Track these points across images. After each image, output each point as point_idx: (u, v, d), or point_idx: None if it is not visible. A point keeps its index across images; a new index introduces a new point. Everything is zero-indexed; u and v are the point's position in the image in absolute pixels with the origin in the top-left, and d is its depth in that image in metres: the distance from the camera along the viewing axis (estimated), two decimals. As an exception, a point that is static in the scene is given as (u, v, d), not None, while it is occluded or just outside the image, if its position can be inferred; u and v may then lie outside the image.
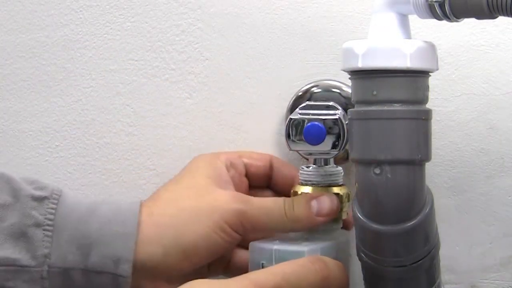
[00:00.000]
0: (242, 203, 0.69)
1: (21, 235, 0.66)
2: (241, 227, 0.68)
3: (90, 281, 0.66)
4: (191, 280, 0.63)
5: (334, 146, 0.67)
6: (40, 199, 0.68)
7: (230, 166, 0.73)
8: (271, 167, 0.75)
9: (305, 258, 0.65)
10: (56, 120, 0.80)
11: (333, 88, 0.75)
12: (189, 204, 0.69)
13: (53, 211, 0.67)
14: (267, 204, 0.69)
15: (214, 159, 0.73)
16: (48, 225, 0.67)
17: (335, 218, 0.70)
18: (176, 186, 0.72)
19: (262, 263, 0.66)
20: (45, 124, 0.80)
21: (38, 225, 0.67)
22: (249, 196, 0.70)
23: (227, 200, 0.69)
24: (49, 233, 0.66)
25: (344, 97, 0.74)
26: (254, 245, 0.67)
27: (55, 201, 0.68)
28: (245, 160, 0.74)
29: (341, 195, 0.70)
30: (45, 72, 0.79)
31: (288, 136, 0.68)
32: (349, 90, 0.73)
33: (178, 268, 0.68)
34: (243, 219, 0.68)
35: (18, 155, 0.80)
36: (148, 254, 0.67)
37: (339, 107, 0.69)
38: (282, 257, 0.65)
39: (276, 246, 0.66)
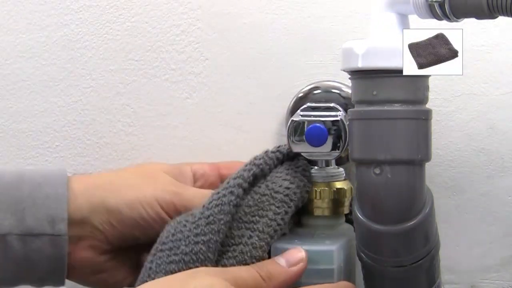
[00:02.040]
0: (180, 187, 0.69)
1: None
2: (173, 207, 0.68)
3: (28, 245, 0.66)
4: (116, 257, 0.69)
5: (335, 148, 0.67)
6: None
7: (200, 177, 0.74)
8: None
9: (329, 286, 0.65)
10: (56, 120, 0.80)
11: (333, 89, 0.75)
12: (128, 176, 0.70)
13: None
14: (204, 192, 0.69)
15: (185, 165, 0.74)
16: None
17: (337, 213, 0.70)
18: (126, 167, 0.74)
19: None
20: (45, 124, 0.80)
21: None
22: (189, 186, 0.71)
23: (166, 182, 0.69)
24: None
25: (343, 97, 0.74)
26: (278, 246, 0.67)
27: None
28: (224, 172, 0.74)
29: (345, 190, 0.70)
30: (45, 72, 0.79)
31: (289, 137, 0.68)
32: (349, 91, 0.73)
33: (102, 229, 0.68)
34: (177, 200, 0.68)
35: (18, 155, 0.80)
36: (77, 209, 0.67)
37: (340, 109, 0.69)
38: (311, 257, 0.65)
39: (305, 247, 0.66)
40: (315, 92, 0.76)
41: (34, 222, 0.66)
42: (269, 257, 0.66)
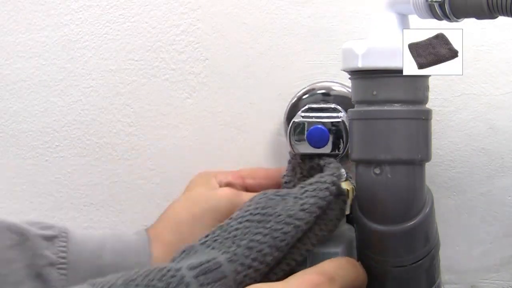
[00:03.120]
0: (233, 194, 0.70)
1: (37, 276, 0.66)
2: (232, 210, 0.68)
3: None
4: None
5: (337, 149, 0.67)
6: (49, 238, 0.67)
7: (225, 185, 0.73)
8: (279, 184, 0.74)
9: (342, 258, 0.65)
10: (56, 120, 0.80)
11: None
12: (186, 215, 0.70)
13: (65, 248, 0.67)
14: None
15: (208, 178, 0.74)
16: (61, 263, 0.66)
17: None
18: (176, 202, 0.73)
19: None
20: (45, 124, 0.80)
21: (52, 264, 0.66)
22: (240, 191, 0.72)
23: (219, 194, 0.70)
24: (64, 271, 0.66)
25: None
26: None
27: (65, 239, 0.68)
28: (249, 182, 0.74)
29: (347, 190, 0.70)
30: (45, 72, 0.79)
31: (291, 139, 0.68)
32: (343, 89, 0.73)
33: None
34: (234, 206, 0.68)
35: (18, 155, 0.80)
36: None
37: (341, 110, 0.69)
38: (316, 260, 0.65)
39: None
40: (312, 93, 0.76)
41: None
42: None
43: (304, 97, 0.75)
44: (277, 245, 0.62)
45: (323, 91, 0.75)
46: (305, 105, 0.73)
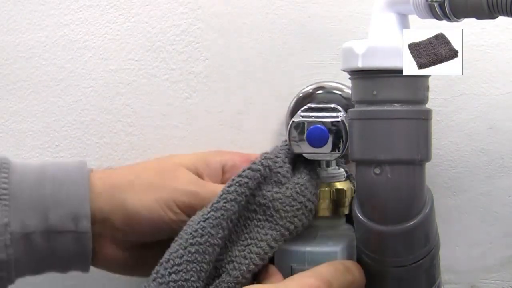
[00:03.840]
0: (199, 186, 0.69)
1: None
2: (190, 207, 0.68)
3: (52, 242, 0.67)
4: (138, 252, 0.70)
5: (336, 148, 0.67)
6: None
7: (230, 168, 0.73)
8: None
9: (338, 263, 0.65)
10: (56, 120, 0.80)
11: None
12: (147, 175, 0.70)
13: (6, 180, 0.68)
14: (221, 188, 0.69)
15: (213, 155, 0.73)
16: (3, 194, 0.67)
17: (338, 214, 0.70)
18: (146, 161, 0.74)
19: (292, 266, 0.66)
20: (45, 124, 0.80)
21: None
22: (208, 182, 0.71)
23: (185, 181, 0.69)
24: (6, 202, 0.67)
25: (345, 98, 0.74)
26: (282, 248, 0.67)
27: (6, 170, 0.68)
28: None
29: (345, 190, 0.70)
30: (45, 72, 0.79)
31: (290, 139, 0.68)
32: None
33: (122, 231, 0.69)
34: (194, 200, 0.68)
35: (18, 155, 0.80)
36: (98, 208, 0.68)
37: (341, 109, 0.69)
38: (314, 259, 0.65)
39: (309, 248, 0.66)
40: (318, 92, 0.75)
41: (58, 219, 0.67)
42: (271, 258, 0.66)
43: (318, 92, 0.75)
44: (193, 249, 0.63)
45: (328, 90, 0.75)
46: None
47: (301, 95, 0.75)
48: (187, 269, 0.63)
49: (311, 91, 0.75)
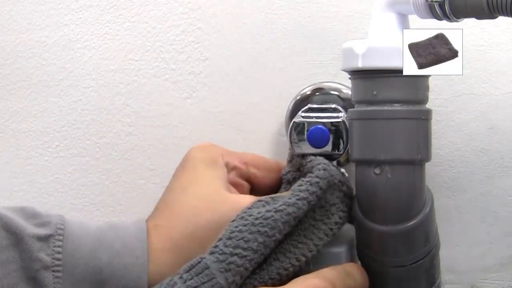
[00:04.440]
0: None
1: (31, 280, 0.63)
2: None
3: None
4: None
5: (337, 149, 0.67)
6: (45, 238, 0.64)
7: (231, 169, 0.71)
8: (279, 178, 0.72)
9: (341, 267, 0.65)
10: (56, 120, 0.80)
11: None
12: (206, 218, 0.65)
13: (60, 249, 0.64)
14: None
15: (216, 157, 0.70)
16: (56, 265, 0.63)
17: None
18: (185, 195, 0.68)
19: None
20: (45, 124, 0.80)
21: (46, 267, 0.63)
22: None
23: (243, 203, 0.65)
24: (59, 274, 0.63)
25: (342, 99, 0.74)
26: None
27: (61, 237, 0.64)
28: (252, 170, 0.71)
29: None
30: (45, 72, 0.79)
31: (291, 139, 0.68)
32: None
33: None
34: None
35: (18, 155, 0.80)
36: (158, 265, 0.64)
37: (341, 110, 0.69)
38: (319, 260, 0.65)
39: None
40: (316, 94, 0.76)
41: None
42: None
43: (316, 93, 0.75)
44: (261, 239, 0.61)
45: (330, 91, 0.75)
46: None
47: (299, 97, 0.75)
48: (251, 257, 0.61)
49: (309, 92, 0.75)
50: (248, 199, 0.65)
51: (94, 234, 0.65)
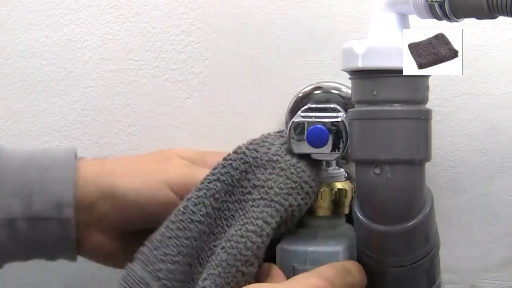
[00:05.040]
0: (191, 168, 0.70)
1: None
2: (184, 188, 0.67)
3: (35, 229, 0.67)
4: (126, 242, 0.69)
5: (337, 149, 0.67)
6: None
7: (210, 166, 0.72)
8: None
9: (339, 264, 0.65)
10: (56, 120, 0.80)
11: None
12: (140, 161, 0.70)
13: None
14: None
15: (208, 154, 0.73)
16: None
17: (338, 214, 0.70)
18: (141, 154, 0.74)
19: (294, 266, 0.66)
20: (45, 124, 0.80)
21: None
22: (201, 167, 0.70)
23: (178, 164, 0.69)
24: None
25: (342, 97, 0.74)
26: (284, 248, 0.67)
27: None
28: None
29: (346, 190, 0.70)
30: (45, 72, 0.79)
31: (290, 138, 0.68)
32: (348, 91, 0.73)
33: (109, 217, 0.68)
34: (189, 181, 0.68)
35: (18, 155, 0.80)
36: (84, 194, 0.68)
37: (341, 109, 0.69)
38: (317, 259, 0.65)
39: (311, 248, 0.66)
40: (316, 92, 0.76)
41: (41, 206, 0.66)
42: (273, 258, 0.66)
43: (316, 92, 0.75)
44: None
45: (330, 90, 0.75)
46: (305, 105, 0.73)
47: (300, 95, 0.75)
48: (167, 244, 0.64)
49: (308, 91, 0.75)
50: (181, 161, 0.70)
51: (25, 154, 0.69)
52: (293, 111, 0.75)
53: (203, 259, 0.66)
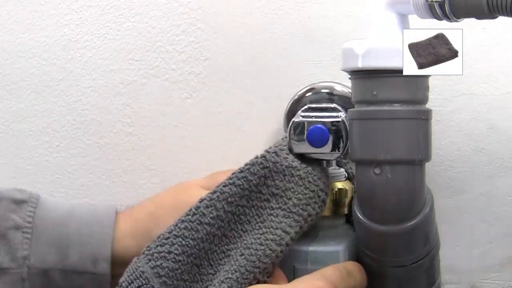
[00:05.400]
0: None
1: (1, 238, 0.68)
2: None
3: (69, 281, 0.68)
4: None
5: (337, 148, 0.67)
6: (19, 202, 0.69)
7: None
8: None
9: (341, 266, 0.65)
10: (56, 120, 0.80)
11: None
12: (168, 201, 0.71)
13: (32, 214, 0.69)
14: None
15: (218, 174, 0.73)
16: (27, 227, 0.68)
17: (338, 213, 0.70)
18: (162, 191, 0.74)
19: (294, 266, 0.66)
20: (45, 124, 0.80)
21: (17, 227, 0.68)
22: None
23: (197, 195, 0.69)
24: (28, 235, 0.68)
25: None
26: None
27: (34, 204, 0.69)
28: None
29: (346, 190, 0.70)
30: (45, 72, 0.79)
31: (290, 138, 0.68)
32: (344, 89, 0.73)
33: None
34: None
35: (18, 155, 0.80)
36: (123, 248, 0.69)
37: (341, 109, 0.69)
38: (317, 259, 0.66)
39: (311, 248, 0.66)
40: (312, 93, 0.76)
41: (77, 259, 0.68)
42: None
43: (307, 94, 0.75)
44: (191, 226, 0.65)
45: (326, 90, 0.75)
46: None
47: (296, 97, 0.76)
48: (172, 242, 0.65)
49: (304, 91, 0.75)
50: (200, 191, 0.70)
51: (66, 207, 0.71)
52: (290, 111, 0.75)
53: (214, 261, 0.65)
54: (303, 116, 0.69)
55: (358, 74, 0.64)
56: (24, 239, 0.68)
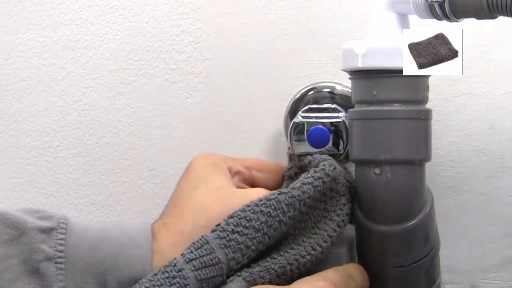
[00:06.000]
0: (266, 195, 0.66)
1: (33, 272, 0.63)
2: None
3: None
4: None
5: (337, 148, 0.67)
6: (47, 231, 0.64)
7: (235, 174, 0.71)
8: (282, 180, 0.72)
9: (342, 269, 0.65)
10: (56, 120, 0.80)
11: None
12: (217, 211, 0.66)
13: (63, 241, 0.64)
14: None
15: (219, 162, 0.71)
16: (59, 257, 0.63)
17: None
18: (194, 193, 0.68)
19: None
20: (45, 124, 0.80)
21: (49, 259, 0.63)
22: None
23: (255, 194, 0.66)
24: (62, 265, 0.63)
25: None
26: None
27: (63, 230, 0.64)
28: (255, 174, 0.72)
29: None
30: (45, 72, 0.79)
31: (291, 139, 0.68)
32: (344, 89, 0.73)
33: None
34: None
35: (18, 155, 0.80)
36: (165, 261, 0.63)
37: (341, 110, 0.69)
38: (320, 259, 0.65)
39: None
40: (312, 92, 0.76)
41: (117, 285, 0.64)
42: None
43: (310, 93, 0.75)
44: (263, 218, 0.62)
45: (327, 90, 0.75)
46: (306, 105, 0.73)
47: (297, 96, 0.75)
48: (252, 236, 0.62)
49: (305, 91, 0.75)
50: (257, 192, 0.66)
51: (98, 229, 0.66)
52: (291, 111, 0.75)
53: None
54: (303, 117, 0.69)
55: (358, 74, 0.64)
56: (58, 270, 0.63)
